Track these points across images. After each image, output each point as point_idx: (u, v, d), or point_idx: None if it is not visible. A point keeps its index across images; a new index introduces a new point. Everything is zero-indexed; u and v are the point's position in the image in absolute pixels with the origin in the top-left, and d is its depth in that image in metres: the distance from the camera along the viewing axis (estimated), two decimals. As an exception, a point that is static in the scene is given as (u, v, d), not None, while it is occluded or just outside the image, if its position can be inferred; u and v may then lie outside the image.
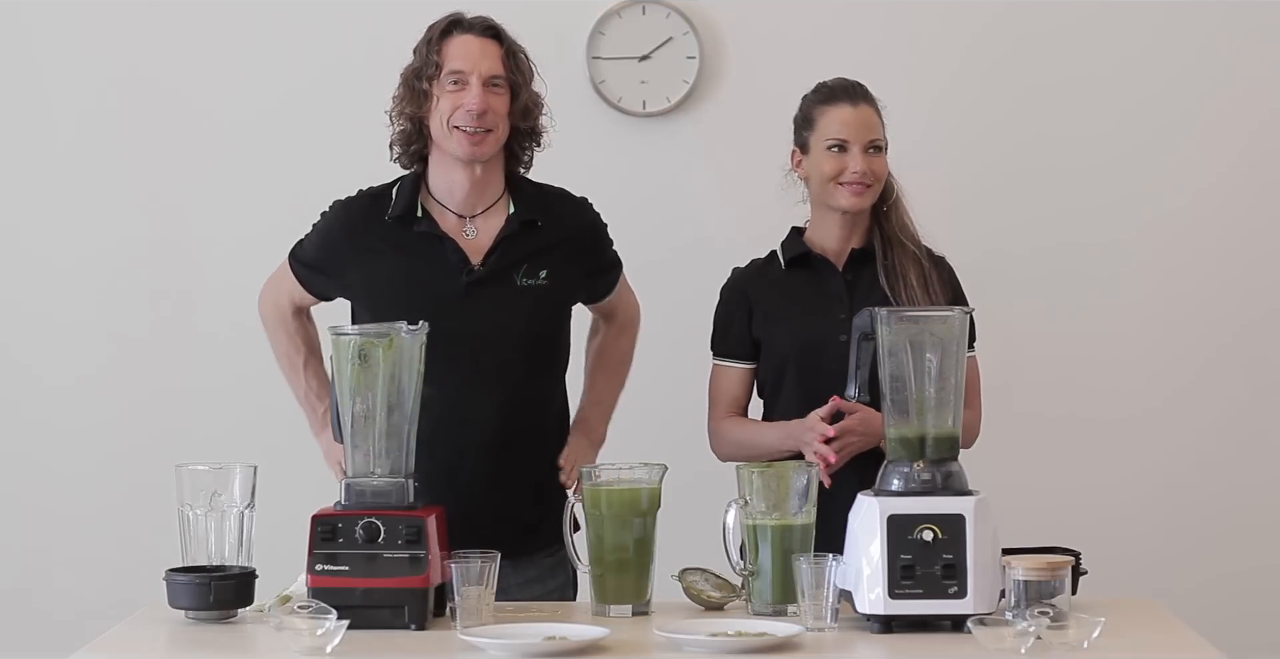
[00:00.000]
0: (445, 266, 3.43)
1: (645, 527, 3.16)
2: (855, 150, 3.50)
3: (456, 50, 3.40)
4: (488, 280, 3.43)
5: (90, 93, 4.61)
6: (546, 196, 3.53)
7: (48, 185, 4.62)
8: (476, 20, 3.44)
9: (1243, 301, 4.65)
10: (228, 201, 4.61)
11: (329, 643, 2.83)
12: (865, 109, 3.53)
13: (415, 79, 3.42)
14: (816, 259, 3.58)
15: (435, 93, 3.40)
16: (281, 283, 3.59)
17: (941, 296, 3.52)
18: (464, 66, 3.39)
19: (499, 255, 3.44)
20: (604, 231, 3.59)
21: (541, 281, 3.45)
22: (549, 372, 3.53)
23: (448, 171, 3.46)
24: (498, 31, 3.44)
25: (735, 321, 3.59)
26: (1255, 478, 4.66)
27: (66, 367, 4.63)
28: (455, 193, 3.46)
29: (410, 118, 3.43)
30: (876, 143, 3.52)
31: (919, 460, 3.01)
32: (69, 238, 4.61)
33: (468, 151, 3.40)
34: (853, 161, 3.49)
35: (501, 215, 3.47)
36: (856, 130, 3.51)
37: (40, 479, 4.62)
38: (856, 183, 3.49)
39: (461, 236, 3.46)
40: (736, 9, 4.61)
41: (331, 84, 4.57)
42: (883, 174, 3.53)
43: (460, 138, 3.39)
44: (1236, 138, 4.62)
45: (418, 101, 3.42)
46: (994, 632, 2.82)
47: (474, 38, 3.42)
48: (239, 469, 3.15)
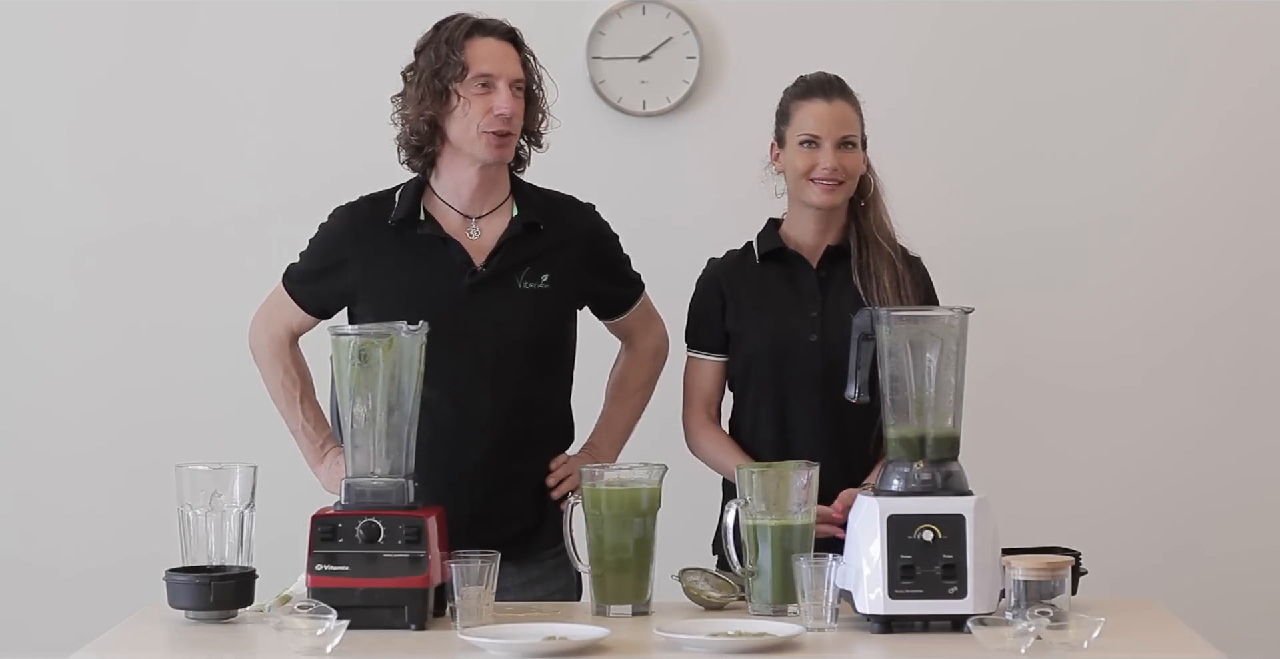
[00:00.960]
0: (448, 269, 3.43)
1: (645, 527, 3.16)
2: (827, 146, 3.48)
3: (483, 52, 3.38)
4: (490, 282, 3.43)
5: (93, 82, 4.61)
6: (551, 201, 3.52)
7: (47, 176, 4.63)
8: (496, 23, 3.43)
9: (1247, 302, 4.65)
10: (232, 192, 4.61)
11: (329, 643, 2.83)
12: (840, 104, 3.50)
13: (436, 79, 3.38)
14: (791, 255, 3.56)
15: (462, 94, 3.37)
16: (275, 313, 3.56)
17: (913, 299, 3.49)
18: (493, 69, 3.37)
19: (501, 257, 3.43)
20: (612, 239, 3.57)
21: (543, 285, 3.45)
22: (551, 375, 3.52)
23: (459, 171, 3.44)
24: (515, 35, 3.43)
25: (709, 314, 3.58)
26: (1256, 479, 4.65)
27: (66, 366, 4.63)
28: (463, 192, 3.45)
29: (429, 120, 3.39)
30: (849, 139, 3.49)
31: (919, 460, 3.01)
32: (69, 233, 4.62)
33: (494, 155, 3.39)
34: (824, 158, 3.48)
35: (505, 217, 3.47)
36: (829, 126, 3.48)
37: (40, 479, 4.62)
38: (827, 179, 3.48)
39: (465, 237, 3.45)
40: (736, 9, 4.62)
41: (337, 80, 4.58)
42: (855, 170, 3.50)
43: (489, 141, 3.37)
44: (1211, 126, 4.64)
45: (439, 102, 3.38)
46: (994, 632, 2.82)
47: (496, 41, 3.40)
48: (239, 469, 3.15)
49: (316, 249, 3.53)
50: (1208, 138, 4.63)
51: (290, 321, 3.55)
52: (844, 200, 3.52)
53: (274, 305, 3.57)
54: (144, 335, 4.62)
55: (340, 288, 3.50)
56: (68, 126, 4.63)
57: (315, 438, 3.54)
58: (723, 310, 3.56)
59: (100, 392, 4.62)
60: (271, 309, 3.57)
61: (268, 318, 3.57)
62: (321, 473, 3.53)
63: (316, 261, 3.52)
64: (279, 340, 3.56)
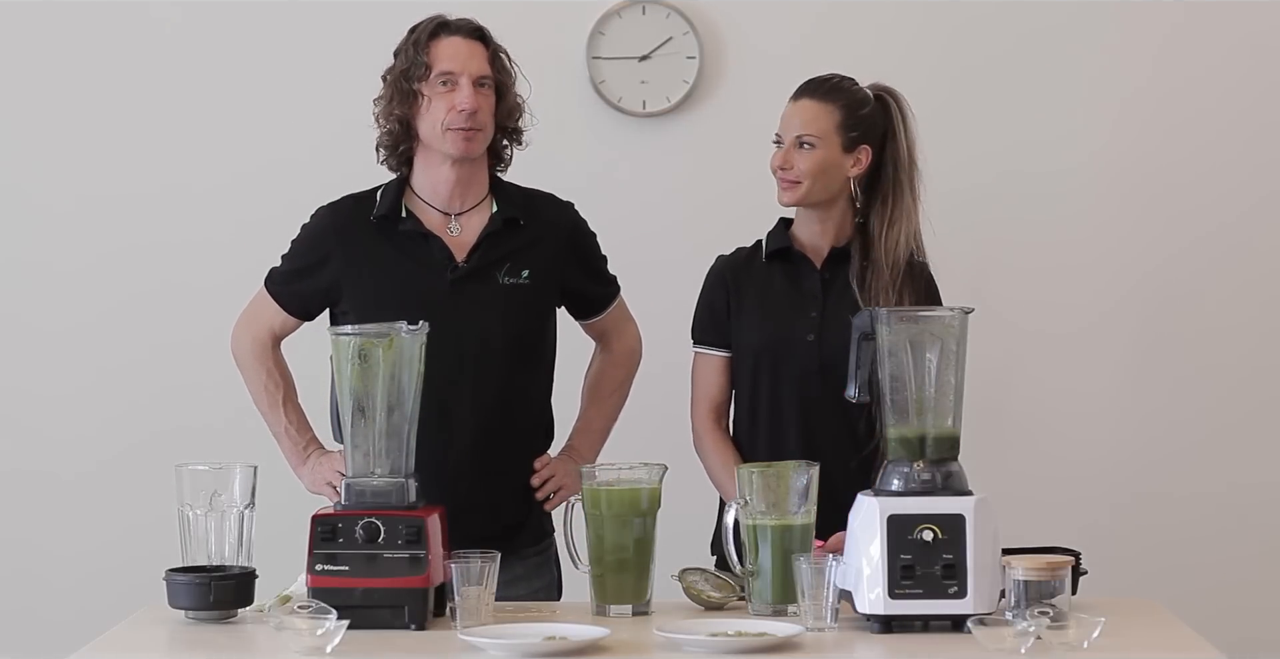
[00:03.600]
0: (430, 264, 3.45)
1: (645, 527, 3.16)
2: (786, 145, 3.50)
3: (445, 51, 3.43)
4: (471, 278, 3.45)
5: (83, 96, 4.61)
6: (530, 197, 3.56)
7: (41, 187, 4.63)
8: (463, 22, 3.48)
9: (1250, 304, 4.65)
10: (223, 203, 4.61)
11: (329, 643, 2.83)
12: (805, 103, 3.50)
13: (403, 80, 3.44)
14: (796, 255, 3.56)
15: (426, 93, 3.42)
16: (257, 316, 3.58)
17: (912, 306, 3.48)
18: (454, 67, 3.42)
19: (482, 252, 3.46)
20: (591, 236, 3.60)
21: (523, 280, 3.47)
22: (532, 370, 3.54)
23: (434, 169, 3.48)
24: (483, 33, 3.48)
25: (715, 309, 3.58)
26: (1256, 479, 4.65)
27: (66, 366, 4.63)
28: (440, 189, 3.48)
29: (399, 119, 3.45)
30: (804, 138, 3.48)
31: (919, 460, 3.01)
32: (65, 236, 4.63)
33: (461, 149, 3.42)
34: (780, 157, 3.50)
35: (485, 214, 3.50)
36: (787, 124, 3.51)
37: (40, 479, 4.62)
38: (780, 178, 3.49)
39: (446, 233, 3.48)
40: (736, 9, 4.62)
41: (324, 85, 4.57)
42: (810, 171, 3.47)
43: (454, 137, 3.41)
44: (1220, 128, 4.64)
45: (407, 103, 3.44)
46: (994, 632, 2.82)
47: (461, 39, 3.45)
48: (239, 469, 3.15)
49: (299, 248, 3.56)
50: (1215, 139, 4.62)
51: (272, 324, 3.57)
52: (808, 199, 3.50)
53: (256, 309, 3.59)
54: (144, 336, 4.62)
55: (323, 285, 3.52)
56: (58, 138, 4.62)
57: (298, 440, 3.55)
58: (728, 306, 3.57)
59: (100, 392, 4.62)
60: (253, 313, 3.59)
61: (249, 322, 3.59)
62: (304, 475, 3.54)
63: (299, 260, 3.54)
64: (261, 343, 3.57)
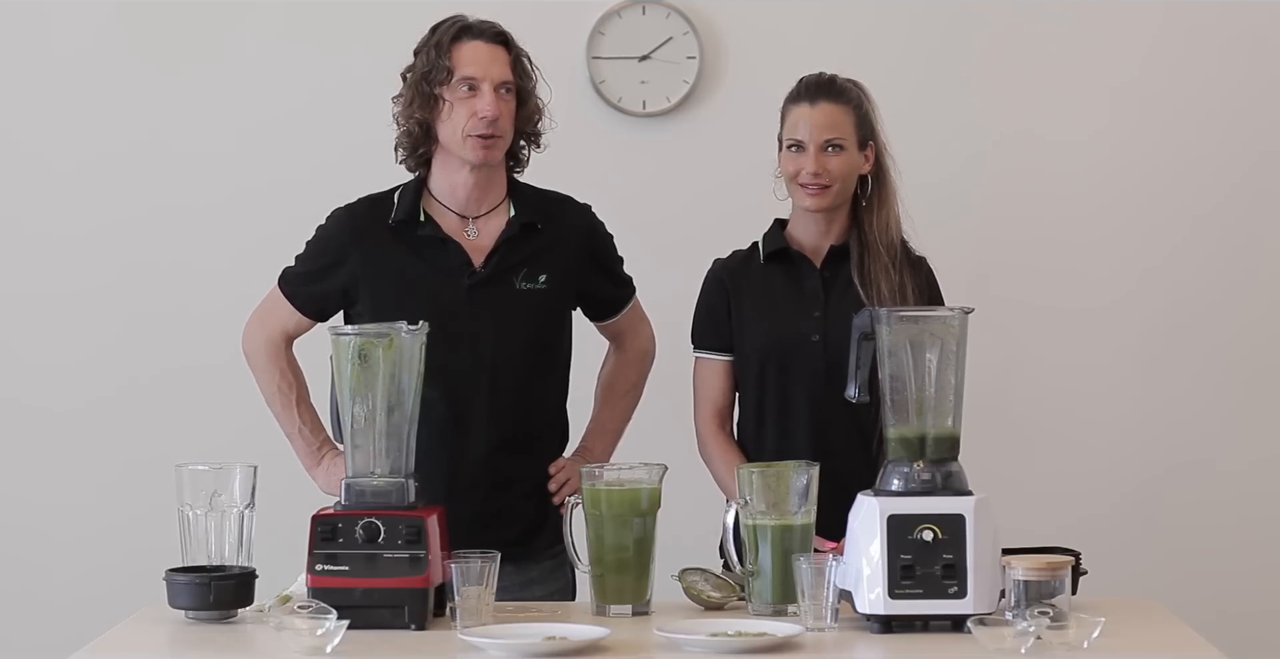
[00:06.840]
0: (448, 269, 3.44)
1: (645, 527, 3.16)
2: (810, 151, 3.47)
3: (468, 56, 3.40)
4: (488, 283, 3.44)
5: (83, 94, 4.61)
6: (548, 201, 3.53)
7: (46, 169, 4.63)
8: (486, 26, 3.44)
9: (1250, 302, 4.65)
10: (224, 210, 4.61)
11: (329, 643, 2.83)
12: (824, 107, 3.49)
13: (424, 83, 3.41)
14: (795, 255, 3.56)
15: (447, 98, 3.40)
16: (270, 316, 3.55)
17: (914, 302, 3.48)
18: (476, 73, 3.39)
19: (499, 257, 3.44)
20: (607, 240, 3.59)
21: (540, 285, 3.46)
22: (549, 375, 3.53)
23: (452, 172, 3.46)
24: (506, 37, 3.45)
25: (715, 313, 3.58)
26: (1255, 478, 4.65)
27: (66, 365, 4.63)
28: (458, 193, 3.46)
29: (419, 122, 3.42)
30: (833, 141, 3.48)
31: (919, 460, 3.01)
32: (66, 227, 4.63)
33: (481, 156, 3.40)
34: (807, 162, 3.47)
35: (503, 218, 3.48)
36: (811, 130, 3.48)
37: (40, 479, 4.62)
38: (811, 183, 3.48)
39: (463, 237, 3.46)
40: (736, 9, 4.62)
41: (334, 85, 4.58)
42: (842, 173, 3.48)
43: (474, 144, 3.39)
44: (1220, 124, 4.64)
45: (427, 106, 3.41)
46: (994, 632, 2.82)
47: (484, 44, 3.42)
48: (239, 469, 3.15)
49: (315, 250, 3.53)
50: (1215, 136, 4.63)
51: (286, 325, 3.55)
52: (835, 202, 3.51)
53: (269, 309, 3.56)
54: (144, 336, 4.62)
55: (339, 288, 3.50)
56: (59, 119, 4.62)
57: (312, 441, 3.54)
58: (728, 309, 3.56)
59: (100, 392, 4.62)
60: (266, 312, 3.57)
61: (262, 321, 3.57)
62: (319, 476, 3.53)
63: (315, 262, 3.52)
64: (274, 344, 3.55)
